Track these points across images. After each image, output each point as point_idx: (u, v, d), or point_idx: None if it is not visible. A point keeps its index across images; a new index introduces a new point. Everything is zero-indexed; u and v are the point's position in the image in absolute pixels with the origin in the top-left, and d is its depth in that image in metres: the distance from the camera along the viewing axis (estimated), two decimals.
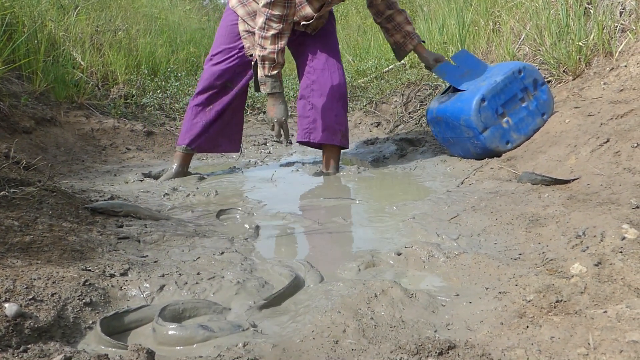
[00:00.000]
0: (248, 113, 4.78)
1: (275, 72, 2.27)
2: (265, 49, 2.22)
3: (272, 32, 2.19)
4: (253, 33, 2.44)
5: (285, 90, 5.54)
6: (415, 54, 2.61)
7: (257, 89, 2.35)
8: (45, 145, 2.86)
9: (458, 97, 2.43)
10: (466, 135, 2.39)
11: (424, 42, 2.58)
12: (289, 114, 4.94)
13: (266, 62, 2.25)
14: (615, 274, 1.03)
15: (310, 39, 2.54)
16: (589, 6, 2.79)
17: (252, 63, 2.35)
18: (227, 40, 2.51)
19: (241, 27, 2.47)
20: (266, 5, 2.16)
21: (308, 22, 2.44)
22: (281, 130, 2.40)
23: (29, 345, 0.89)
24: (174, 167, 2.57)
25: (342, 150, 2.65)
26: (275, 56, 2.23)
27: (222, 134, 2.61)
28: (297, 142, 2.66)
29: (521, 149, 2.33)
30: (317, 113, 2.49)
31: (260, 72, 2.29)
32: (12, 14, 3.20)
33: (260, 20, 2.20)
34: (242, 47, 2.49)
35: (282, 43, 2.23)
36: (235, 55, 2.50)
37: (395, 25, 2.53)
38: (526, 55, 3.22)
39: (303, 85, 2.53)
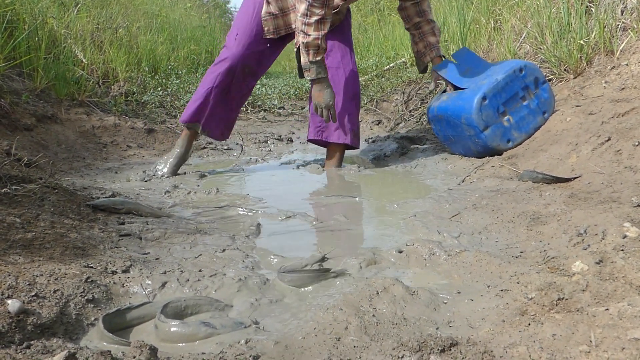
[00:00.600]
0: (248, 111, 4.77)
1: (319, 57, 2.26)
2: (309, 35, 2.19)
3: (315, 18, 2.17)
4: (275, 15, 2.44)
5: (286, 88, 5.57)
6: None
7: (301, 76, 2.34)
8: (46, 142, 2.86)
9: (459, 96, 2.43)
10: (467, 134, 2.39)
11: (444, 57, 2.57)
12: (292, 111, 4.95)
13: (310, 49, 2.23)
14: (617, 272, 1.04)
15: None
16: (590, 4, 2.79)
17: (295, 50, 2.33)
18: (251, 24, 2.47)
19: (264, 8, 2.45)
20: None
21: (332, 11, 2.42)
22: (330, 114, 2.38)
23: (32, 342, 0.90)
24: (183, 147, 2.53)
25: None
26: (319, 42, 2.21)
27: (224, 119, 2.59)
28: (308, 140, 2.64)
29: (522, 148, 2.33)
30: None
31: (303, 59, 2.27)
32: (13, 11, 3.20)
33: (302, 7, 2.18)
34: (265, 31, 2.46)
35: (326, 28, 2.21)
36: (258, 41, 2.47)
37: (420, 33, 2.53)
38: (527, 53, 3.22)
39: None
